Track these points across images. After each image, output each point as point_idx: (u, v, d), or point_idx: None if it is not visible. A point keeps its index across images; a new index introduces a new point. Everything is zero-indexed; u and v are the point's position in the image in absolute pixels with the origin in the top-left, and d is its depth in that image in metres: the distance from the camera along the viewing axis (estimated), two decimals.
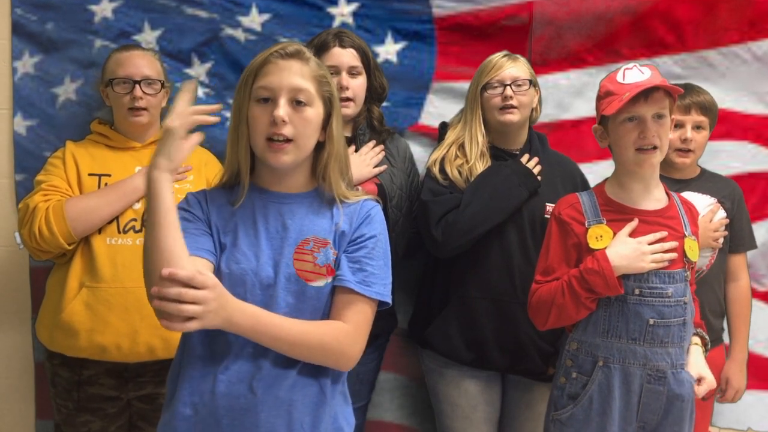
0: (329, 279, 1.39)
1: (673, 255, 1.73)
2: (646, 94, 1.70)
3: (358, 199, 1.47)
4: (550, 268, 1.81)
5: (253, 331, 1.31)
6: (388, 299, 1.43)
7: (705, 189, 2.08)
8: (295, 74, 1.38)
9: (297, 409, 1.36)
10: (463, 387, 2.10)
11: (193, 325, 1.22)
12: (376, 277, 1.41)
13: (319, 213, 1.44)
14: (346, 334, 1.38)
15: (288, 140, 1.37)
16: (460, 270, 2.08)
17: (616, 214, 1.78)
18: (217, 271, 1.36)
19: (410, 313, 2.32)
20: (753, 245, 2.31)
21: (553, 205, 2.06)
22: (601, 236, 1.76)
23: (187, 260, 1.26)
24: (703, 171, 2.29)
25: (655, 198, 1.80)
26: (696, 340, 1.81)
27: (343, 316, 1.38)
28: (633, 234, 1.75)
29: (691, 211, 1.85)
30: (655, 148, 1.72)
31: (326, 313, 1.40)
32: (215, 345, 1.36)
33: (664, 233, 1.75)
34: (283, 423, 1.35)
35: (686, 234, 1.78)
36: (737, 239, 2.23)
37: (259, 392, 1.34)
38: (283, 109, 1.36)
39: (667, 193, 1.83)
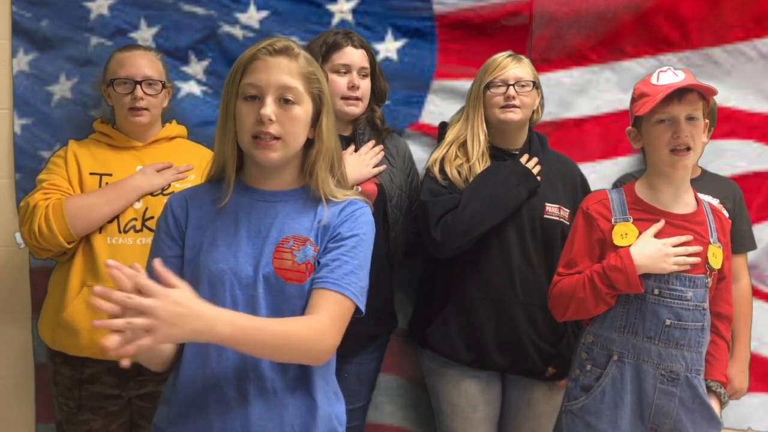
0: (310, 276, 1.41)
1: (696, 259, 1.81)
2: (680, 95, 1.78)
3: (345, 198, 1.50)
4: (573, 261, 1.89)
5: (233, 339, 1.26)
6: (361, 303, 1.42)
7: (706, 189, 2.13)
8: (282, 72, 1.40)
9: (288, 411, 1.41)
10: (463, 387, 2.17)
11: (146, 341, 1.14)
12: (355, 276, 1.41)
13: (303, 211, 1.46)
14: (313, 327, 1.36)
15: (275, 138, 1.39)
16: (460, 270, 2.15)
17: (644, 213, 1.86)
18: (197, 270, 1.40)
19: (410, 313, 2.37)
20: (753, 245, 2.39)
21: (553, 205, 2.13)
22: (626, 234, 1.84)
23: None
24: (704, 171, 2.35)
25: (684, 202, 1.88)
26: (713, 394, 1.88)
27: (319, 309, 1.37)
28: (659, 235, 1.83)
29: (722, 220, 1.92)
30: (688, 149, 1.80)
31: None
32: (206, 355, 1.40)
33: (689, 237, 1.83)
34: (275, 426, 1.39)
35: (711, 241, 1.85)
36: (738, 240, 2.29)
37: (251, 395, 1.39)
38: (270, 108, 1.38)
39: (697, 200, 1.91)
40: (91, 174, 2.12)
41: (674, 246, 1.80)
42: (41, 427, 2.44)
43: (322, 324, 1.36)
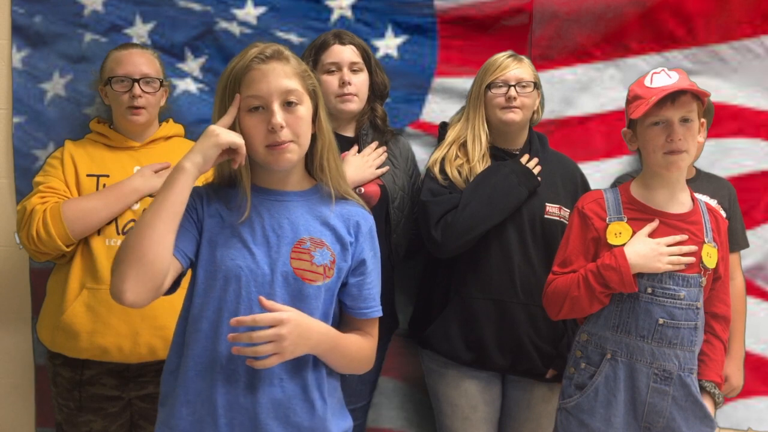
0: (326, 279, 1.53)
1: (691, 259, 1.90)
2: (673, 97, 1.87)
3: (354, 201, 1.61)
4: (567, 260, 1.99)
5: (330, 352, 1.52)
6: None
7: (701, 190, 2.21)
8: (280, 76, 1.48)
9: (296, 414, 1.50)
10: (463, 387, 2.26)
11: (274, 360, 1.43)
12: (378, 295, 1.63)
13: (315, 212, 1.56)
14: (372, 348, 1.64)
15: (288, 141, 1.48)
16: (460, 270, 2.25)
17: (638, 213, 1.96)
18: (214, 266, 1.49)
19: (410, 314, 2.42)
20: (746, 244, 2.49)
21: (553, 205, 2.22)
22: (620, 233, 1.93)
23: (169, 258, 1.42)
24: (699, 172, 2.43)
25: (680, 202, 1.97)
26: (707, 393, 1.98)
27: (368, 332, 1.63)
28: (653, 235, 1.92)
29: (718, 220, 2.02)
30: (682, 151, 1.88)
31: (323, 313, 1.54)
32: (216, 351, 1.48)
33: (684, 236, 1.92)
34: (279, 424, 1.48)
35: (706, 240, 1.94)
36: (732, 239, 2.36)
37: (259, 396, 1.47)
38: (279, 115, 1.46)
39: (693, 199, 2.00)
40: (88, 175, 2.20)
41: (668, 245, 1.89)
42: None
43: (374, 346, 1.64)
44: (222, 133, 1.42)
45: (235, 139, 1.43)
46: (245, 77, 1.47)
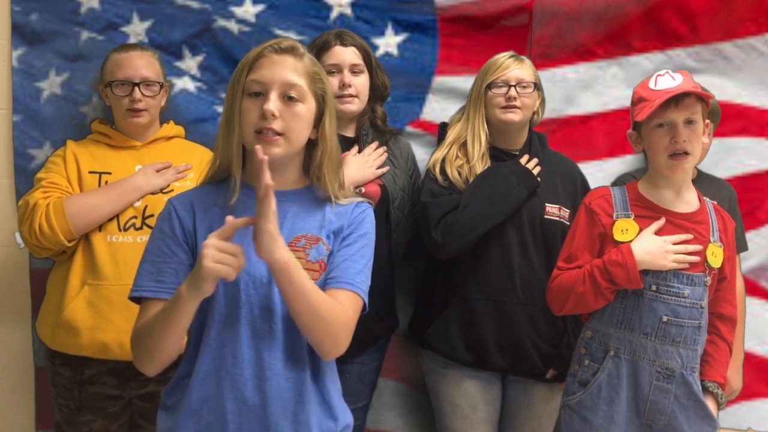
0: (322, 275, 1.54)
1: (696, 258, 1.95)
2: (677, 99, 1.92)
3: (351, 201, 1.63)
4: (573, 255, 2.04)
5: (286, 267, 1.39)
6: (367, 301, 1.55)
7: (702, 191, 2.22)
8: (287, 69, 1.50)
9: (303, 410, 1.51)
10: (463, 387, 2.30)
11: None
12: (364, 274, 1.55)
13: (311, 210, 1.58)
14: (344, 313, 1.49)
15: (278, 134, 1.48)
16: (461, 271, 2.29)
17: (645, 210, 2.01)
18: None
19: (411, 314, 2.44)
20: (745, 247, 2.53)
21: (553, 205, 2.27)
22: (626, 230, 1.97)
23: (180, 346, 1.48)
24: (700, 173, 2.47)
25: (686, 201, 2.03)
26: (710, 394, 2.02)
27: (338, 300, 1.50)
28: (659, 233, 1.97)
29: (725, 220, 2.07)
30: (686, 153, 1.93)
31: None
32: (221, 356, 1.50)
33: (689, 236, 1.97)
34: (289, 424, 1.50)
35: (712, 240, 1.99)
36: None
37: (268, 397, 1.49)
38: (273, 103, 1.47)
39: (700, 199, 2.05)
40: (90, 172, 2.24)
41: (674, 244, 1.93)
42: None
43: (347, 315, 1.49)
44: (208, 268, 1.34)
45: (221, 271, 1.35)
46: (255, 63, 1.49)
